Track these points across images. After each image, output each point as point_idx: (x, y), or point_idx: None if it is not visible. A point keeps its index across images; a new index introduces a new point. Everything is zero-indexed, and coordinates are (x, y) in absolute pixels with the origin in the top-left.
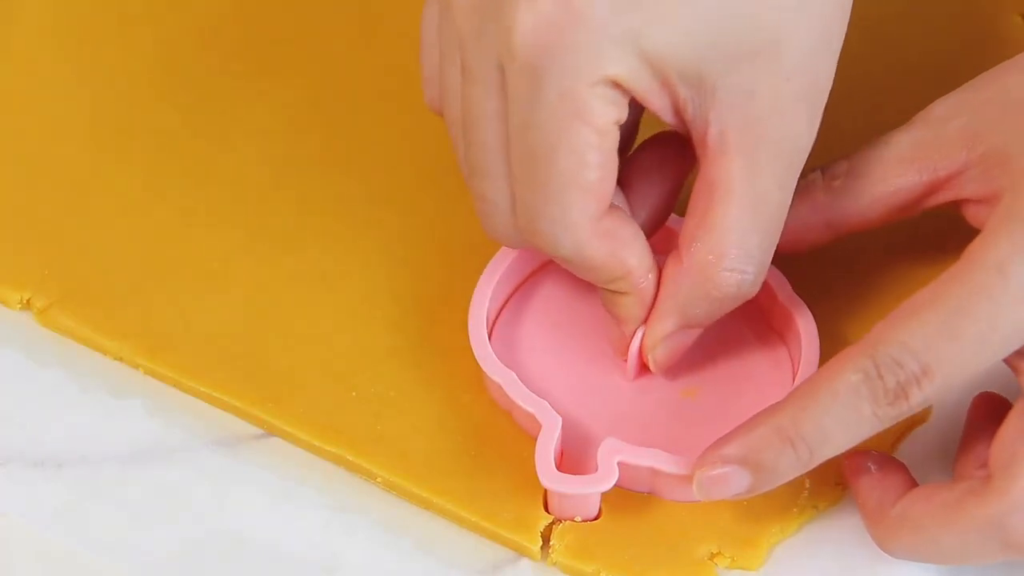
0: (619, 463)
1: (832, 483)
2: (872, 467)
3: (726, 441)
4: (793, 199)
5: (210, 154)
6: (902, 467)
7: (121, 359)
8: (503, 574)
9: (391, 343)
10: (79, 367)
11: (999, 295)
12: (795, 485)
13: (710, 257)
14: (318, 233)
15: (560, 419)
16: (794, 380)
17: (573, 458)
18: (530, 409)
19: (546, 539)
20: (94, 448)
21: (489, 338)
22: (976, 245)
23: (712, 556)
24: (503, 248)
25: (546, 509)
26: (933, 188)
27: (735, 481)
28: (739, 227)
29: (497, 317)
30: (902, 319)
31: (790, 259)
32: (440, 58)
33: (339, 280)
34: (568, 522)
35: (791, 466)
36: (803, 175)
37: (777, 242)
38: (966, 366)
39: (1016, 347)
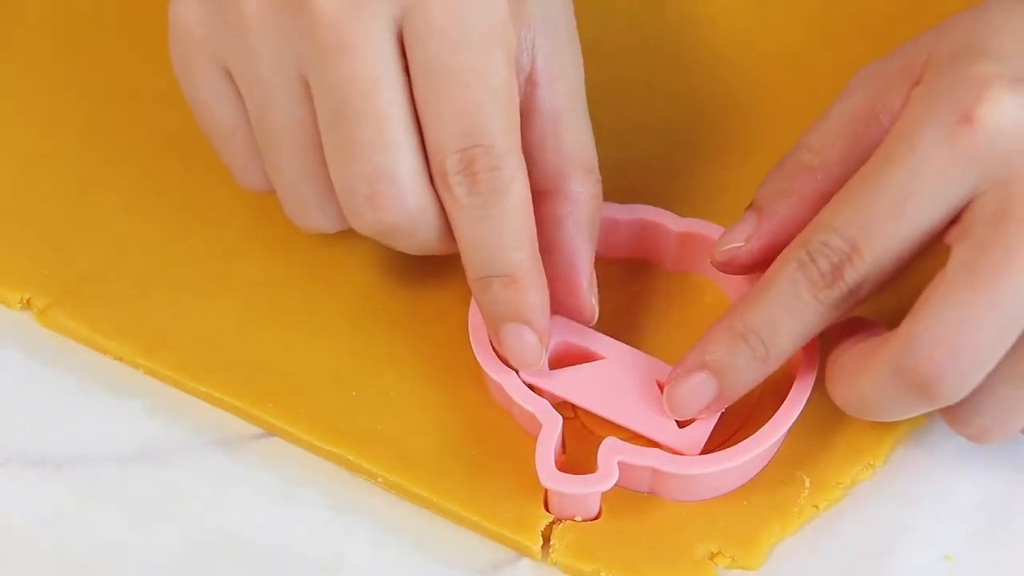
0: (619, 463)
1: (832, 483)
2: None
3: (686, 356)
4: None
5: (210, 154)
6: (876, 325)
7: (121, 359)
8: (503, 574)
9: (391, 343)
10: (79, 367)
11: (907, 160)
12: (795, 485)
13: None
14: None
15: (560, 418)
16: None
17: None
18: (530, 409)
19: (546, 538)
20: (94, 448)
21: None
22: (896, 123)
23: (712, 556)
24: None
25: (546, 508)
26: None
27: (702, 389)
28: None
29: None
30: (830, 205)
31: None
32: (242, 131)
33: (339, 280)
34: (568, 522)
35: (749, 361)
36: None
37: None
38: (889, 237)
39: (935, 216)
